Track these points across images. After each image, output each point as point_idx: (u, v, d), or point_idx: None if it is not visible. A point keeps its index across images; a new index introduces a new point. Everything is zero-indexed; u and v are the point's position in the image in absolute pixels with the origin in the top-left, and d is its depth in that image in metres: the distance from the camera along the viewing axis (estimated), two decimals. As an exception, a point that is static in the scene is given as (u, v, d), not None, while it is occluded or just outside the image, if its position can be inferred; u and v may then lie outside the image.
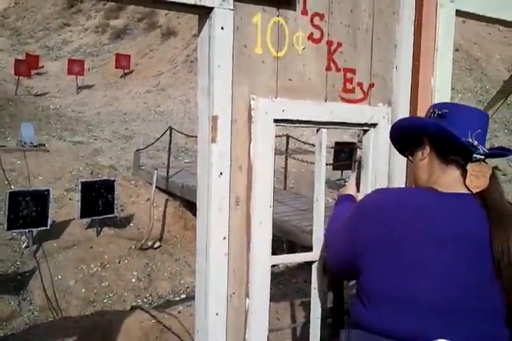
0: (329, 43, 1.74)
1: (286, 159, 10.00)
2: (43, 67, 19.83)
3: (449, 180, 1.32)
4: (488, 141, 1.51)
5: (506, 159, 11.95)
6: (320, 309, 1.78)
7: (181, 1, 1.46)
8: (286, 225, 6.54)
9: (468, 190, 1.28)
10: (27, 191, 7.77)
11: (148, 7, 1.56)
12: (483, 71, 15.85)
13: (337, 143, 10.18)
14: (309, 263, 1.79)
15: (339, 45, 1.76)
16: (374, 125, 1.83)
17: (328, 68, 1.75)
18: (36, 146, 10.83)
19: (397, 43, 1.88)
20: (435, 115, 1.36)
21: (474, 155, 1.27)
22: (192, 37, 19.56)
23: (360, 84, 1.81)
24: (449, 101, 1.93)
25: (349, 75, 1.79)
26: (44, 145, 11.16)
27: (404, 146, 1.50)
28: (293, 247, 6.95)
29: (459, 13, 1.97)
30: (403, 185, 1.91)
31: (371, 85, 1.83)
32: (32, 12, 26.05)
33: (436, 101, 1.90)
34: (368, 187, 1.86)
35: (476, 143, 1.29)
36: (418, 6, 1.88)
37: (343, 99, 1.78)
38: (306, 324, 1.94)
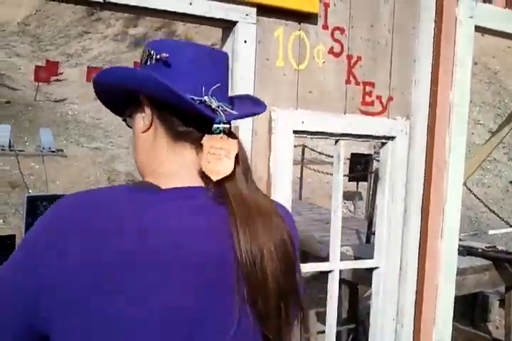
0: (349, 57, 1.78)
1: (302, 169, 10.01)
2: (62, 73, 20.06)
3: (175, 167, 0.88)
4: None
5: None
6: (336, 319, 1.80)
7: (206, 15, 1.50)
8: (301, 235, 6.53)
9: (206, 178, 0.85)
10: (45, 196, 7.84)
11: (175, 20, 1.61)
12: (501, 84, 15.76)
13: (353, 155, 10.16)
14: (325, 273, 1.81)
15: (359, 58, 1.80)
16: (392, 138, 1.85)
17: (347, 81, 1.78)
18: (54, 152, 10.96)
19: (416, 58, 1.90)
20: (153, 60, 0.89)
21: (215, 126, 0.84)
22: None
23: (379, 98, 1.84)
24: (466, 116, 1.94)
25: (368, 88, 1.82)
26: (62, 150, 11.28)
27: (119, 105, 0.99)
28: (306, 257, 6.94)
29: (478, 28, 1.99)
30: (419, 199, 1.93)
31: (390, 98, 1.86)
32: (53, 20, 26.43)
33: (454, 115, 1.92)
34: (385, 200, 1.88)
35: (214, 103, 0.86)
36: (438, 22, 1.91)
37: (362, 112, 1.81)
38: (321, 334, 1.96)
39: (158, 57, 0.88)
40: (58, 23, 26.12)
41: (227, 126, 0.85)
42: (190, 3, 1.46)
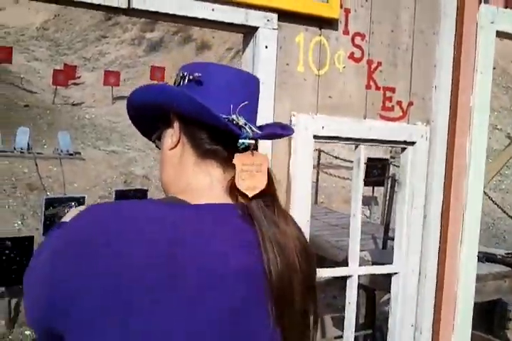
0: (369, 62, 1.78)
1: (318, 173, 10.00)
2: (79, 77, 20.27)
3: (201, 184, 0.90)
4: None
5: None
6: (354, 324, 1.80)
7: (228, 20, 1.51)
8: (317, 240, 6.52)
9: (232, 196, 0.88)
10: (63, 198, 7.93)
11: (198, 26, 1.62)
12: (519, 89, 15.60)
13: (369, 159, 10.12)
14: (341, 278, 1.81)
15: (379, 64, 1.80)
16: (412, 143, 1.85)
17: (368, 86, 1.78)
18: (72, 154, 11.06)
19: (436, 63, 1.90)
20: (185, 81, 0.92)
21: (241, 141, 0.86)
22: (225, 51, 19.78)
23: (399, 103, 1.83)
24: (487, 122, 1.93)
25: (388, 94, 1.81)
26: (79, 153, 11.39)
27: (149, 126, 1.02)
28: (322, 262, 6.92)
29: (500, 33, 1.98)
30: (439, 205, 1.92)
31: (410, 104, 1.86)
32: (71, 24, 26.69)
33: (475, 120, 1.91)
34: (404, 206, 1.87)
35: (242, 120, 0.88)
36: (458, 27, 1.90)
37: (382, 117, 1.81)
38: (338, 339, 1.95)
39: (190, 77, 0.91)
40: (76, 27, 26.37)
41: (252, 141, 0.86)
42: (213, 9, 1.48)
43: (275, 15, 1.58)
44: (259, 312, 0.82)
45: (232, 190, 0.87)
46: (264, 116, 1.58)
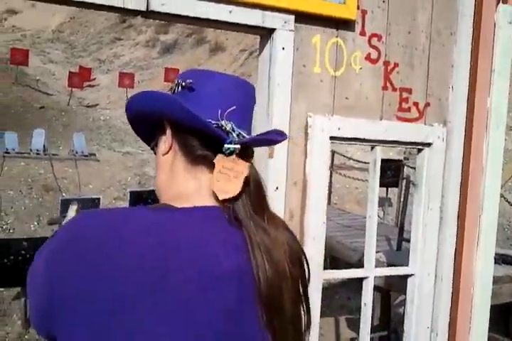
0: (386, 63, 1.78)
1: (331, 175, 9.98)
2: (94, 79, 20.43)
3: (191, 190, 0.90)
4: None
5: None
6: (370, 325, 1.79)
7: (245, 22, 1.52)
8: (330, 241, 6.52)
9: (218, 199, 0.88)
10: (78, 199, 8.00)
11: (215, 28, 1.64)
12: (535, 90, 15.44)
13: (383, 160, 10.04)
14: (354, 279, 1.80)
15: (396, 65, 1.79)
16: (429, 144, 1.85)
17: (384, 87, 1.78)
18: (87, 156, 11.15)
19: (453, 64, 1.89)
20: (179, 88, 0.94)
21: (226, 146, 0.87)
22: (239, 52, 19.80)
23: (415, 104, 1.83)
24: (504, 123, 1.92)
25: (405, 95, 1.81)
26: (94, 155, 11.48)
27: (148, 133, 1.03)
28: (336, 263, 6.91)
29: (517, 34, 1.97)
30: (456, 206, 1.91)
31: (427, 105, 1.85)
32: (86, 27, 26.94)
33: (492, 121, 1.90)
34: (420, 207, 1.87)
35: (229, 126, 0.89)
36: (476, 27, 1.89)
37: (399, 118, 1.80)
38: (352, 340, 1.95)
39: (183, 84, 0.92)
40: (91, 30, 26.60)
41: (238, 146, 0.87)
42: (230, 12, 1.49)
43: (292, 17, 1.58)
44: (252, 314, 0.83)
45: None
46: (281, 117, 1.59)
